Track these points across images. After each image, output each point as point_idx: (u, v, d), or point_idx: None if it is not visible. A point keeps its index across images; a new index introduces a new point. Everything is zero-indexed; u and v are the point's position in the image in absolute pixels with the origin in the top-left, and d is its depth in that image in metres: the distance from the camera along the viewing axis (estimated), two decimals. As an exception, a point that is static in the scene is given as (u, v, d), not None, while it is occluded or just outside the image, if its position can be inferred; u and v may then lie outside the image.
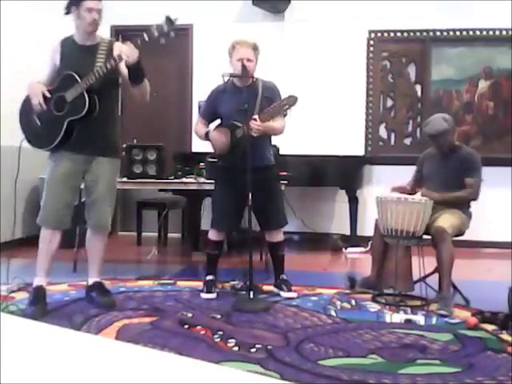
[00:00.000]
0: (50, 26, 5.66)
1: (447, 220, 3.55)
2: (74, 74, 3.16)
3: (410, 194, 3.80)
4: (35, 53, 5.38)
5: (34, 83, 3.27)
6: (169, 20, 3.05)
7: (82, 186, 3.45)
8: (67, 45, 3.31)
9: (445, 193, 3.67)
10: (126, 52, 3.07)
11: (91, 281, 3.49)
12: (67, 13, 3.22)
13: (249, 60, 3.58)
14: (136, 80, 3.23)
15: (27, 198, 5.50)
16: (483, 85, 5.95)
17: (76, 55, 3.25)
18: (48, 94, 3.22)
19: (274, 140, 3.93)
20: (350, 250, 5.63)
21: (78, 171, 3.31)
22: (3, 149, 5.01)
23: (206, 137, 3.71)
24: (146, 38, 3.07)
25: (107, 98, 3.30)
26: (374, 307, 3.50)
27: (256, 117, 3.50)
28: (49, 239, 3.31)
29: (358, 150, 6.09)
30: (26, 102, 3.30)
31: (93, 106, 3.18)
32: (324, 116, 6.08)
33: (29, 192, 5.53)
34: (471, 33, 5.93)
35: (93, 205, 3.38)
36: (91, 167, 3.32)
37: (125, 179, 4.76)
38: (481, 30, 5.90)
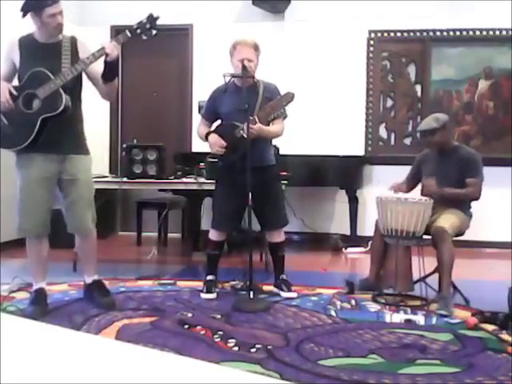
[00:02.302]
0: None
1: (447, 220, 3.55)
2: (46, 71, 3.09)
3: (406, 192, 3.81)
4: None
5: None
6: (151, 17, 3.11)
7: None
8: (27, 43, 3.22)
9: (446, 188, 3.67)
10: (110, 48, 3.06)
11: (89, 280, 3.47)
12: (24, 16, 3.11)
13: (250, 60, 3.58)
14: (110, 77, 3.21)
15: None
16: (483, 85, 5.95)
17: (39, 54, 3.17)
18: (15, 92, 3.12)
19: (274, 140, 3.93)
20: (349, 250, 5.63)
21: (53, 172, 3.21)
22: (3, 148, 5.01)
23: (207, 139, 3.72)
24: (129, 35, 3.11)
25: (73, 96, 3.23)
26: (374, 307, 3.50)
27: (253, 117, 3.50)
28: (36, 247, 3.25)
29: (358, 150, 6.08)
30: None
31: (67, 103, 3.13)
32: (324, 116, 6.08)
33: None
34: (471, 33, 5.93)
35: (71, 207, 3.27)
36: (65, 166, 3.23)
37: (125, 179, 4.76)
38: (481, 30, 5.90)
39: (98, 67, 3.18)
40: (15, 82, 3.24)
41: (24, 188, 3.19)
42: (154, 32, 3.12)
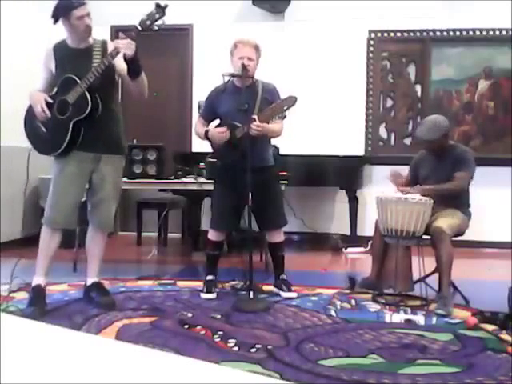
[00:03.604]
0: (49, 26, 5.68)
1: (446, 220, 3.55)
2: (73, 76, 3.17)
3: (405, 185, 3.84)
4: (35, 53, 5.38)
5: (34, 92, 3.29)
6: (159, 7, 3.09)
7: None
8: (61, 50, 3.30)
9: (426, 186, 3.68)
10: (124, 45, 3.07)
11: (90, 281, 3.49)
12: (55, 22, 3.19)
13: (249, 59, 3.58)
14: (135, 73, 3.23)
15: (27, 198, 5.50)
16: (483, 85, 5.95)
17: (72, 59, 3.24)
18: (50, 100, 3.23)
19: (274, 140, 3.93)
20: (350, 250, 5.63)
21: (86, 170, 3.31)
22: (3, 149, 5.01)
23: (206, 136, 3.72)
24: (140, 28, 3.11)
25: (107, 97, 3.31)
26: (374, 307, 3.50)
27: (255, 117, 3.50)
28: (49, 239, 3.31)
29: (358, 149, 6.09)
30: (29, 112, 3.30)
31: (95, 104, 3.20)
32: (324, 116, 6.08)
33: (29, 192, 5.52)
34: (471, 33, 5.93)
35: (99, 204, 3.38)
36: (99, 165, 3.33)
37: (125, 179, 4.75)
38: (481, 30, 5.91)
39: (125, 66, 3.21)
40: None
41: (58, 182, 3.28)
42: (163, 21, 3.09)
